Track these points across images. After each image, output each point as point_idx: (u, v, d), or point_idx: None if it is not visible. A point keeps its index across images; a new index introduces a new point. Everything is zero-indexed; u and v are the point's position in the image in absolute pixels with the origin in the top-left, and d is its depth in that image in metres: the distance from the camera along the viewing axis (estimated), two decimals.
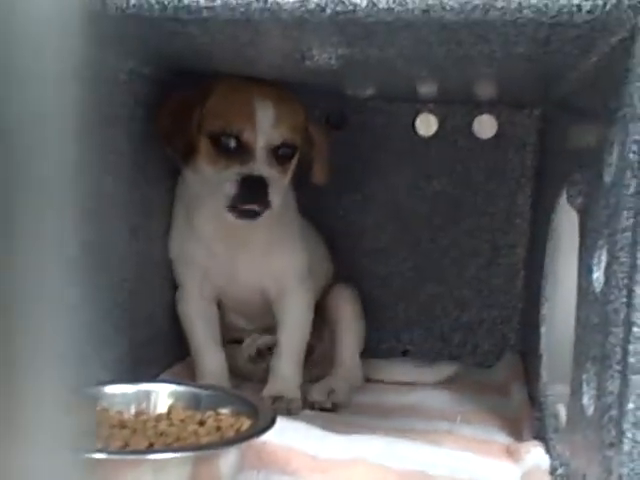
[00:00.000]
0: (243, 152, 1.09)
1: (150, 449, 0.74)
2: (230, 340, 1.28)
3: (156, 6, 0.75)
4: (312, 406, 1.16)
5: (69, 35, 0.41)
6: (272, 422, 0.79)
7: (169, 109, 1.12)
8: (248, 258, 1.19)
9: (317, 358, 1.32)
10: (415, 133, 1.43)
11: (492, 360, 1.42)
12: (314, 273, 1.25)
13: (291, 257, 1.21)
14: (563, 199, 1.00)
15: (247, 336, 1.32)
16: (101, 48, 0.96)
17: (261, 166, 1.08)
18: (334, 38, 0.82)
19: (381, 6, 0.70)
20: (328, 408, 1.17)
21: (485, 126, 1.42)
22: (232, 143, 1.09)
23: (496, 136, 1.42)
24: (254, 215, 1.09)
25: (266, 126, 1.09)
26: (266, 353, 1.23)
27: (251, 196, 1.08)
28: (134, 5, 0.75)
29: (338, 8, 0.71)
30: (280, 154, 1.11)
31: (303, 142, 1.15)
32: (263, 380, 1.18)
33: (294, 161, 1.15)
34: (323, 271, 1.34)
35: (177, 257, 1.22)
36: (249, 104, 1.09)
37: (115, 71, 1.02)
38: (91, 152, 1.01)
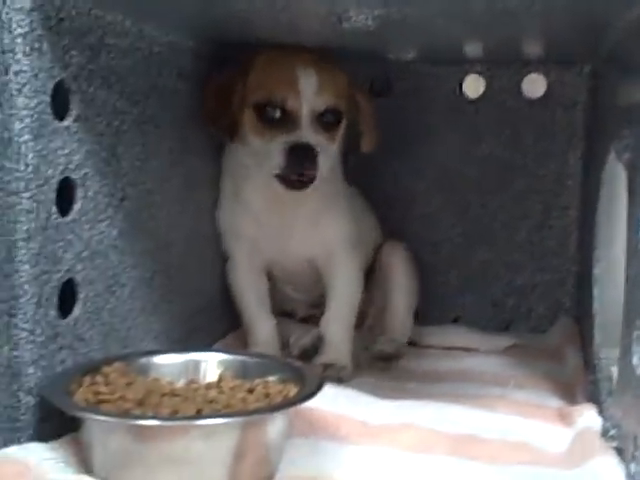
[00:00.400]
0: (288, 121, 1.09)
1: (199, 415, 0.75)
2: (281, 312, 1.29)
3: None
4: (379, 357, 1.21)
5: None
6: (319, 388, 0.79)
7: (212, 90, 1.13)
8: (297, 228, 1.20)
9: (370, 324, 1.32)
10: (462, 95, 1.42)
11: (546, 325, 1.41)
12: (362, 241, 1.25)
13: (339, 225, 1.21)
14: (612, 156, 0.98)
15: (298, 307, 1.33)
16: (141, 20, 0.97)
17: (307, 133, 1.08)
18: None
19: None
20: (392, 355, 1.21)
21: (534, 85, 1.40)
22: (277, 113, 1.09)
23: (545, 95, 1.40)
24: (302, 186, 1.10)
25: (310, 93, 1.09)
26: (312, 351, 1.22)
27: (300, 164, 1.08)
28: None
29: None
30: (325, 121, 1.11)
31: (349, 109, 1.15)
32: None
33: (341, 128, 1.15)
34: (372, 239, 1.34)
35: (226, 229, 1.23)
36: (291, 72, 1.09)
37: (156, 44, 1.03)
38: (135, 124, 1.02)
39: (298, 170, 1.08)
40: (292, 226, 1.20)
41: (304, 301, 1.32)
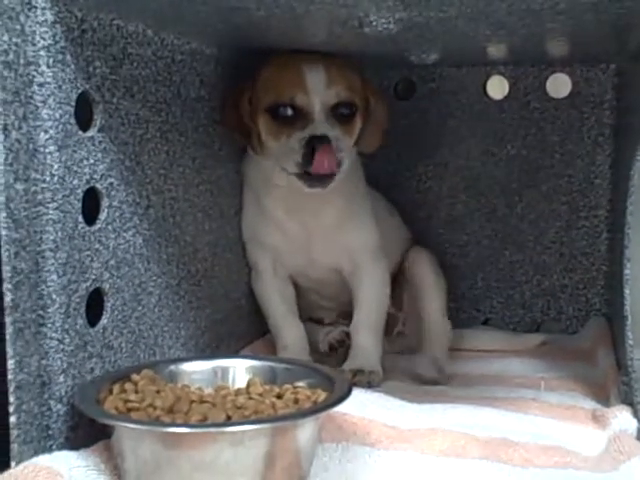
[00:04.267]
0: (302, 117, 1.08)
1: (228, 422, 0.74)
2: (309, 319, 1.29)
3: None
4: (425, 382, 1.16)
5: None
6: (348, 393, 0.78)
7: (227, 104, 1.14)
8: (320, 236, 1.19)
9: (400, 330, 1.32)
10: (487, 97, 1.41)
11: (577, 326, 1.40)
12: (388, 245, 1.24)
13: (363, 231, 1.20)
14: None
15: (326, 315, 1.32)
16: (162, 29, 0.98)
17: (322, 126, 1.08)
18: (390, 1, 0.81)
19: None
20: (430, 381, 1.16)
21: (559, 85, 1.39)
22: (289, 111, 1.09)
23: (570, 95, 1.39)
24: (324, 183, 1.08)
25: (319, 87, 1.09)
26: (338, 346, 1.23)
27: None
28: None
29: None
30: (340, 114, 1.10)
31: (363, 106, 1.14)
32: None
33: (357, 121, 1.14)
34: (398, 243, 1.33)
35: (249, 239, 1.23)
36: (298, 70, 1.09)
37: (178, 52, 1.03)
38: (158, 133, 1.03)
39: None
40: (316, 234, 1.19)
41: (331, 309, 1.31)
